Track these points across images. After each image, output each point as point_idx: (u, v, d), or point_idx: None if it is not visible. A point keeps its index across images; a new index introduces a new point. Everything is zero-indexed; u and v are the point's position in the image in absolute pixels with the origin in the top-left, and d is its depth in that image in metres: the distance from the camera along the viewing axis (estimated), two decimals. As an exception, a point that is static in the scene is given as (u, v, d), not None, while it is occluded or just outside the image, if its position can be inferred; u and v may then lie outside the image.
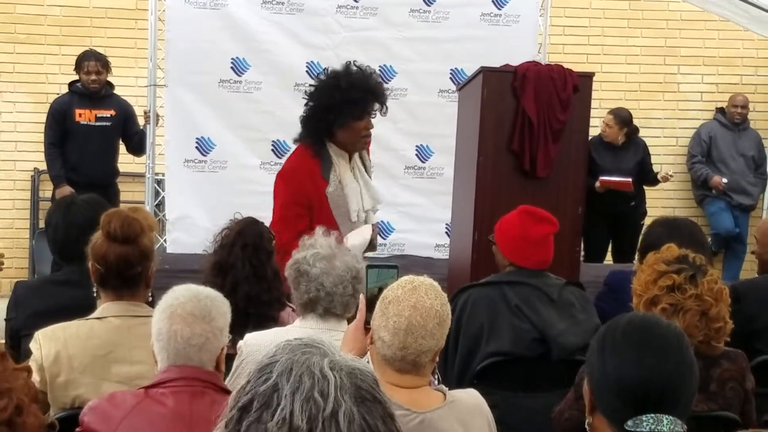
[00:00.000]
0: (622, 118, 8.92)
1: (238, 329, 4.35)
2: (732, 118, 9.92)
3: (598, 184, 8.54)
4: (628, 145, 8.99)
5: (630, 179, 8.75)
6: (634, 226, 8.85)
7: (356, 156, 5.70)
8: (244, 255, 4.59)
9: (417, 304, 2.86)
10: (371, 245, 5.50)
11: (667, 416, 2.32)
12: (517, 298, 4.46)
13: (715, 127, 10.00)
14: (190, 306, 2.99)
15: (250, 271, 4.57)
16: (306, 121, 5.57)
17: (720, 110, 10.10)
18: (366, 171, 5.79)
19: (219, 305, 3.07)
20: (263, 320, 4.48)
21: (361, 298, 3.12)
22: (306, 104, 5.63)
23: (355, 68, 5.54)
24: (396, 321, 2.85)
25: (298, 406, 1.60)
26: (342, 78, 5.50)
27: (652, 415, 2.32)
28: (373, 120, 8.68)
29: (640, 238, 5.00)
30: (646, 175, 9.03)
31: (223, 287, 4.47)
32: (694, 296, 3.58)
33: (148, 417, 2.87)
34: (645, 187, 9.22)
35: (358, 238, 5.37)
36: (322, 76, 5.64)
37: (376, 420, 1.65)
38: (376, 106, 5.57)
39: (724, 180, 9.87)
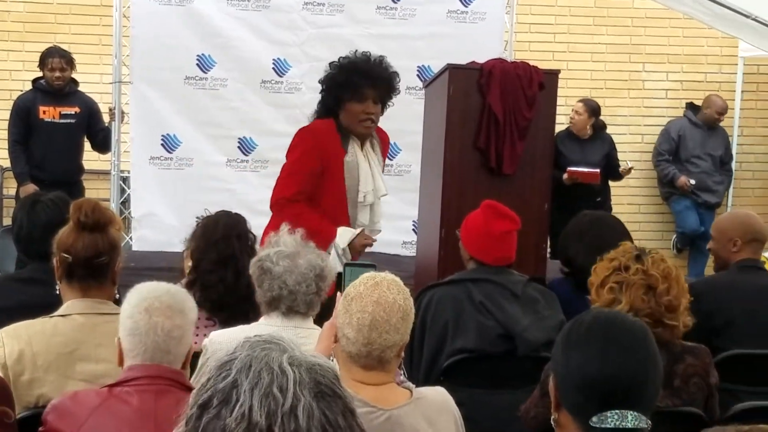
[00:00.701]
0: (592, 107, 8.97)
1: (242, 316, 4.31)
2: (707, 120, 9.92)
3: (565, 175, 8.57)
4: (595, 139, 9.03)
5: (597, 170, 8.80)
6: None
7: (368, 145, 5.66)
8: (241, 246, 4.59)
9: (380, 300, 2.86)
10: (352, 248, 5.47)
11: (631, 412, 2.32)
12: (481, 295, 4.47)
13: (684, 125, 10.01)
14: (167, 299, 2.99)
15: (248, 261, 4.56)
16: (320, 102, 5.65)
17: (690, 107, 10.09)
18: (378, 163, 5.77)
19: (188, 300, 3.07)
20: (237, 315, 4.47)
21: (339, 296, 3.12)
22: (323, 86, 5.68)
23: (361, 54, 5.63)
24: (359, 317, 2.85)
25: (257, 401, 1.60)
26: (345, 61, 5.60)
27: (617, 411, 2.32)
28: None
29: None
30: (612, 170, 9.07)
31: (226, 279, 4.46)
32: (640, 271, 3.62)
33: (112, 416, 2.85)
34: (611, 183, 9.26)
35: (347, 233, 5.37)
36: (335, 63, 5.68)
37: (336, 415, 1.65)
38: (374, 92, 5.54)
39: (692, 181, 9.90)
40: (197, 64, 8.42)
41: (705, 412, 3.70)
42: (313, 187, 5.41)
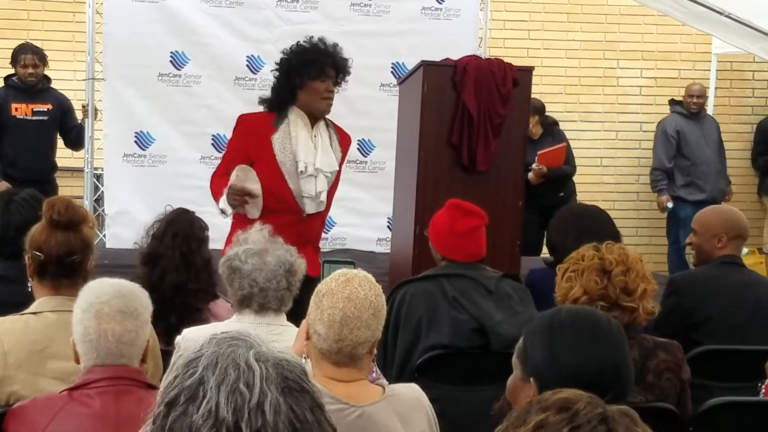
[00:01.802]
0: (535, 106, 8.91)
1: (163, 318, 4.37)
2: (689, 108, 9.86)
3: (534, 165, 8.51)
4: (546, 137, 8.98)
5: (564, 144, 8.80)
6: None
7: (322, 127, 5.68)
8: (174, 244, 4.61)
9: (351, 296, 2.86)
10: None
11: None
12: (455, 290, 4.47)
13: (678, 120, 9.96)
14: (117, 303, 2.95)
15: (180, 260, 4.60)
16: (273, 88, 5.67)
17: (676, 102, 10.06)
18: (331, 146, 5.76)
19: (141, 298, 3.04)
20: (188, 310, 4.50)
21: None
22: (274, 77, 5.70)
23: (314, 38, 5.64)
24: (330, 313, 2.85)
25: (223, 398, 1.60)
26: (299, 44, 5.60)
27: None
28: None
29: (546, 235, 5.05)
30: (567, 162, 8.99)
31: (152, 277, 4.49)
32: (595, 257, 3.63)
33: (73, 420, 2.83)
34: (580, 181, 9.28)
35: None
36: (287, 49, 5.70)
37: (304, 410, 1.65)
38: (334, 73, 5.57)
39: (669, 204, 9.85)
40: (171, 61, 8.39)
41: (677, 408, 3.72)
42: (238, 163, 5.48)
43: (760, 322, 4.98)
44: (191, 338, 3.73)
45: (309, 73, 5.47)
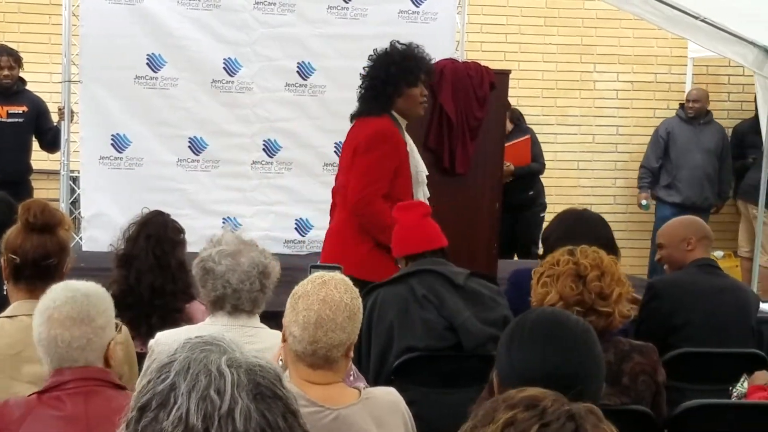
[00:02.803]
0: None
1: (144, 320, 4.38)
2: (687, 112, 9.90)
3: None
4: (516, 132, 8.98)
5: (528, 136, 8.82)
6: (535, 220, 8.92)
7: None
8: (147, 246, 4.61)
9: (326, 298, 2.87)
10: None
11: None
12: (424, 288, 4.47)
13: (674, 123, 9.97)
14: (67, 309, 2.93)
15: (154, 262, 4.60)
16: (366, 96, 5.76)
17: (681, 106, 10.08)
18: None
19: (97, 303, 3.00)
20: (168, 311, 4.49)
21: None
22: (362, 84, 5.81)
23: (400, 45, 5.79)
24: (305, 315, 2.86)
25: (193, 404, 1.59)
26: (394, 52, 5.72)
27: None
28: (292, 117, 8.69)
29: (542, 232, 5.06)
30: (534, 159, 9.01)
31: (128, 278, 4.49)
32: (570, 262, 3.64)
33: (43, 424, 2.82)
34: (556, 184, 9.30)
35: None
36: (373, 57, 5.83)
37: (276, 416, 1.65)
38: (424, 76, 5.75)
39: (643, 202, 9.91)
40: (147, 64, 8.35)
41: (652, 410, 3.73)
42: (389, 188, 5.53)
43: (734, 326, 5.01)
44: (165, 342, 3.72)
45: (407, 80, 5.62)
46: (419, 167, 5.76)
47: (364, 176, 5.53)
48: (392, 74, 5.63)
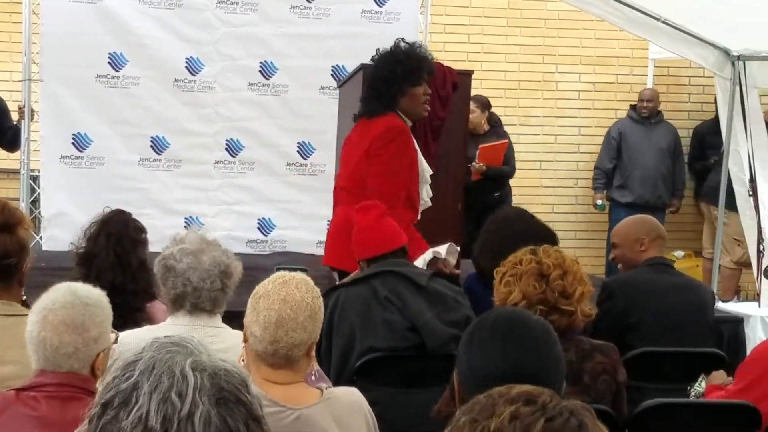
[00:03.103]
0: (482, 102, 8.94)
1: None
2: (640, 112, 10.00)
3: (475, 162, 8.53)
4: (491, 134, 9.02)
5: (506, 141, 8.86)
6: None
7: None
8: (108, 244, 4.59)
9: (287, 297, 2.87)
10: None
11: None
12: (386, 290, 4.46)
13: (625, 123, 10.05)
14: (63, 314, 2.90)
15: (115, 260, 4.58)
16: (370, 96, 5.78)
17: (633, 107, 10.17)
18: None
19: (95, 313, 2.96)
20: (128, 310, 4.47)
21: None
22: (368, 83, 5.85)
23: (404, 44, 5.81)
24: (266, 315, 2.85)
25: (154, 406, 1.59)
26: (398, 52, 5.74)
27: None
28: (255, 116, 8.67)
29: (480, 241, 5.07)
30: (506, 162, 9.04)
31: (88, 277, 4.47)
32: (533, 261, 3.66)
33: (19, 421, 2.80)
34: (519, 184, 9.32)
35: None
36: (376, 56, 5.85)
37: (237, 423, 1.64)
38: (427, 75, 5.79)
39: (599, 202, 9.99)
40: (109, 62, 8.31)
41: (613, 409, 3.75)
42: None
43: (691, 324, 5.05)
44: (126, 342, 3.68)
45: (410, 80, 5.65)
46: (424, 166, 5.82)
47: (386, 174, 5.56)
48: (397, 74, 5.66)
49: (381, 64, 5.75)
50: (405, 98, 5.66)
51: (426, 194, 5.84)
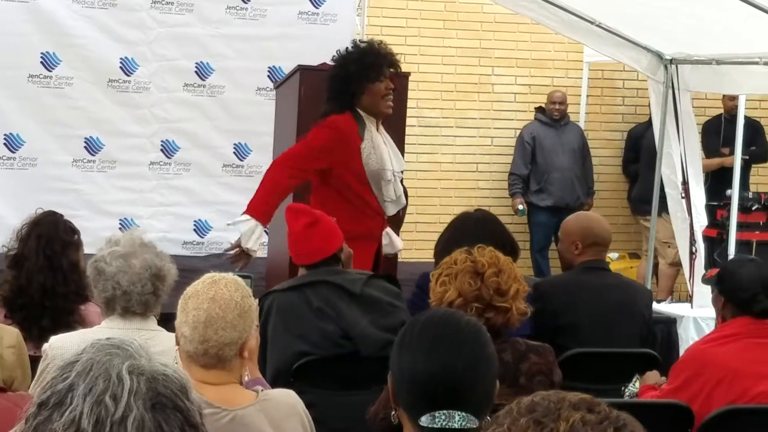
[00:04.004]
0: None
1: (34, 321, 4.31)
2: (551, 115, 10.08)
3: None
4: None
5: None
6: None
7: (382, 129, 5.89)
8: (38, 246, 4.55)
9: (216, 296, 2.87)
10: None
11: (459, 412, 2.35)
12: (319, 300, 4.42)
13: (536, 127, 10.14)
14: None
15: (45, 263, 4.54)
16: (329, 97, 5.77)
17: (539, 109, 10.25)
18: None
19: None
20: (60, 313, 4.43)
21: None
22: (328, 84, 5.82)
23: (362, 42, 5.93)
24: (195, 314, 2.85)
25: (87, 408, 1.57)
26: (353, 50, 5.79)
27: (445, 411, 2.35)
28: (191, 117, 8.59)
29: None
30: None
31: (19, 279, 4.41)
32: (468, 260, 3.68)
33: None
34: (456, 186, 9.34)
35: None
36: (335, 57, 5.86)
37: (173, 429, 1.62)
38: (389, 71, 5.77)
39: (520, 207, 10.05)
40: (41, 62, 8.21)
41: (548, 409, 3.77)
42: (310, 176, 5.73)
43: (624, 325, 5.10)
44: (58, 346, 3.66)
45: (369, 76, 5.64)
46: (385, 165, 5.77)
47: (296, 150, 5.78)
48: (352, 72, 5.66)
49: (338, 64, 5.76)
50: (365, 95, 5.67)
51: (393, 193, 5.84)
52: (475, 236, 4.29)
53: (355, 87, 5.66)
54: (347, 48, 5.81)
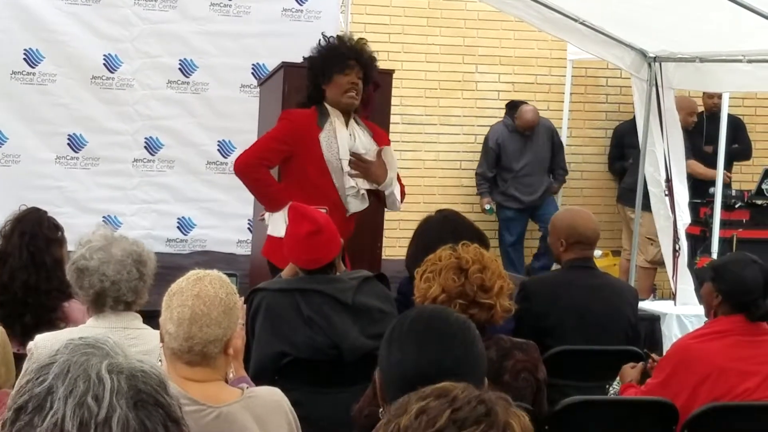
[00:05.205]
0: None
1: (17, 319, 4.30)
2: (519, 131, 10.01)
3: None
4: None
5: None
6: None
7: (358, 125, 5.83)
8: (21, 242, 4.54)
9: (200, 293, 2.86)
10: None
11: None
12: (309, 309, 4.41)
13: (503, 133, 10.05)
14: None
15: (28, 259, 4.53)
16: (305, 93, 5.81)
17: (510, 107, 10.17)
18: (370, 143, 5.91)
19: None
20: (43, 310, 4.42)
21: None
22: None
23: (330, 38, 5.90)
24: (180, 311, 2.85)
25: (70, 411, 1.55)
26: (318, 45, 5.79)
27: None
28: (174, 114, 8.55)
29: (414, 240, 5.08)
30: None
31: (1, 276, 4.40)
32: (452, 257, 3.69)
33: None
34: (440, 184, 9.34)
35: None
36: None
37: (156, 425, 1.61)
38: (359, 67, 5.70)
39: (487, 206, 10.05)
40: (24, 59, 8.18)
41: (533, 407, 3.78)
42: (276, 163, 5.76)
43: (609, 323, 5.11)
44: (44, 345, 3.64)
45: (332, 68, 5.62)
46: (341, 155, 5.70)
47: (254, 145, 5.83)
48: (316, 66, 5.68)
49: (308, 59, 5.79)
50: (328, 88, 5.66)
51: (353, 187, 5.76)
52: (438, 239, 4.27)
53: (320, 80, 5.67)
54: (318, 42, 5.81)
